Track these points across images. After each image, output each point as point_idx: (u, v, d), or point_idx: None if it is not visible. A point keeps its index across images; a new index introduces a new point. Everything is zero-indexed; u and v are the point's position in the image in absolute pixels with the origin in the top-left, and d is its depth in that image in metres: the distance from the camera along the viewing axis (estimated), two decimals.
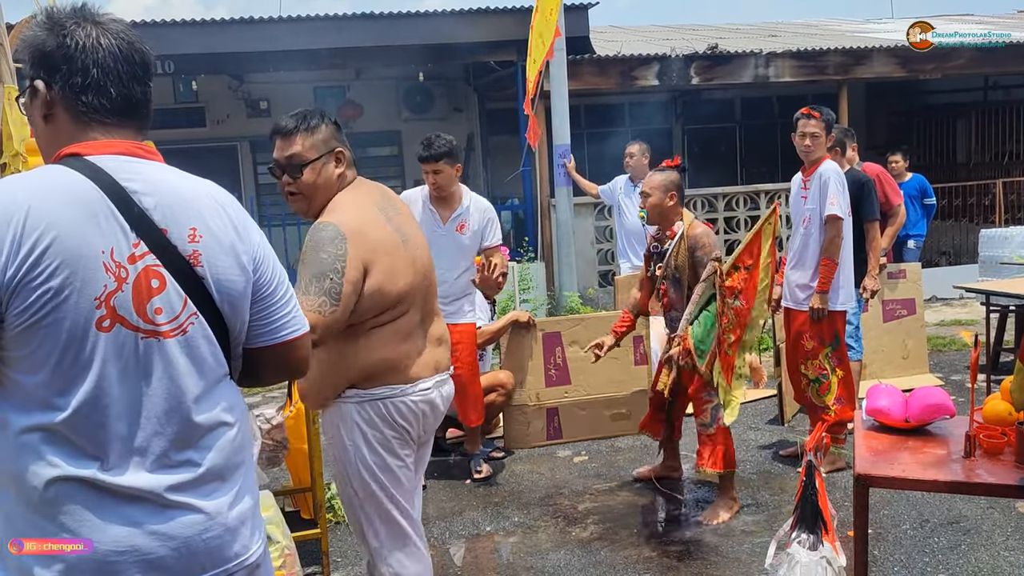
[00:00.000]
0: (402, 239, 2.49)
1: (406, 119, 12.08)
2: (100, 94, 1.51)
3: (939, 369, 6.66)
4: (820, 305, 4.47)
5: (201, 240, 1.51)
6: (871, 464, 2.61)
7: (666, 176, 4.21)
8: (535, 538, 4.04)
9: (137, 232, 1.45)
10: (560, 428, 5.36)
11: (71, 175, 1.44)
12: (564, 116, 8.74)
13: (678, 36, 12.90)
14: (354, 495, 2.56)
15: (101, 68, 1.50)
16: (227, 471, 1.56)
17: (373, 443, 2.50)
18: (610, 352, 4.52)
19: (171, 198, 1.50)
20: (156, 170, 1.53)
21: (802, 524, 2.60)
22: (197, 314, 1.51)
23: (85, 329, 1.40)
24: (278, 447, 4.19)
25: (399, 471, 2.54)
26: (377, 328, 2.43)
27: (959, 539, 3.76)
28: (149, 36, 6.49)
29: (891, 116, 14.17)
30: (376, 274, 2.38)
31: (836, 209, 4.44)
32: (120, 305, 1.43)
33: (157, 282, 1.46)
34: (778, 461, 4.87)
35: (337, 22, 9.37)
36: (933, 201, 8.47)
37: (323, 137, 2.47)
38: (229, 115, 11.86)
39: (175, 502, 1.48)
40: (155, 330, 1.47)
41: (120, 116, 1.54)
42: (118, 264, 1.42)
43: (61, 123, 1.52)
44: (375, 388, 2.47)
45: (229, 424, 1.57)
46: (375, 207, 2.50)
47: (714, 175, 11.82)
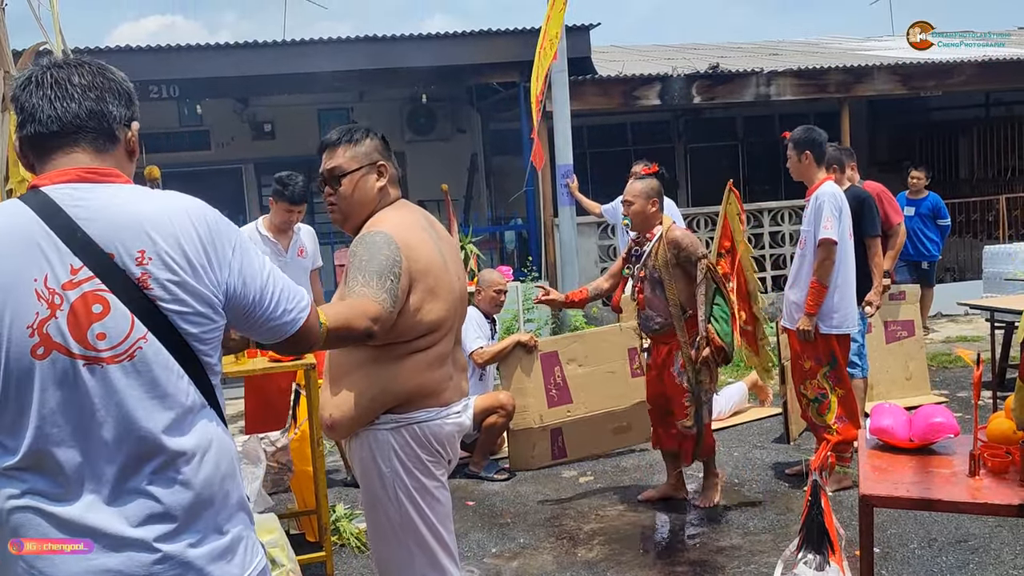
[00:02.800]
0: (444, 262, 2.43)
1: (410, 140, 12.15)
2: (34, 117, 1.54)
3: (945, 386, 6.64)
4: (806, 327, 4.47)
5: (151, 262, 1.48)
6: (876, 484, 2.60)
7: (647, 184, 4.36)
8: (540, 559, 4.03)
9: (81, 257, 1.45)
10: (564, 447, 5.35)
11: (17, 208, 1.48)
12: (567, 136, 8.79)
13: (680, 55, 12.96)
14: (388, 524, 2.44)
15: (43, 94, 1.54)
16: (195, 506, 1.51)
17: (411, 467, 2.41)
18: (608, 367, 4.66)
19: (119, 221, 1.49)
20: (107, 194, 1.52)
21: (808, 544, 2.59)
22: (146, 338, 1.48)
23: (19, 358, 1.42)
24: (283, 470, 4.20)
25: (437, 492, 2.47)
26: (417, 353, 2.37)
27: (967, 558, 3.74)
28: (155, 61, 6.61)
29: (893, 133, 14.20)
30: (420, 292, 2.32)
31: (830, 233, 4.41)
32: (54, 332, 1.43)
33: (100, 307, 1.45)
34: (784, 480, 4.85)
35: (340, 45, 9.44)
36: (948, 222, 8.50)
37: (366, 150, 2.44)
38: (234, 138, 11.94)
39: (128, 539, 1.45)
40: (96, 356, 1.45)
41: (63, 138, 1.55)
42: (51, 291, 1.43)
43: (34, 160, 1.58)
44: (412, 412, 2.40)
45: (194, 455, 1.52)
46: (420, 227, 2.44)
47: (716, 194, 11.80)
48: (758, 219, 10.37)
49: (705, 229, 10.07)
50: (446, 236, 2.58)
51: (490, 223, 12.29)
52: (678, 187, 12.95)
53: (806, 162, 4.56)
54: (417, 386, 2.38)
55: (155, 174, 6.07)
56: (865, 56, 11.90)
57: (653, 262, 4.28)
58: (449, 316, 2.42)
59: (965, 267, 11.66)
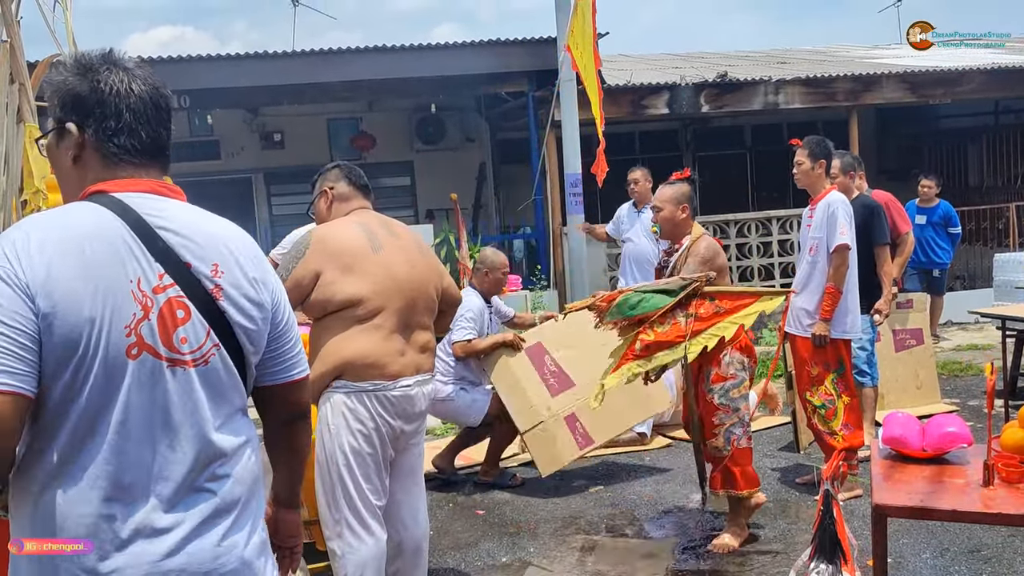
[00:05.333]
0: (371, 249, 2.97)
1: (419, 150, 12.18)
2: (132, 136, 1.57)
3: (956, 394, 6.61)
4: (822, 332, 4.47)
5: (223, 276, 1.56)
6: (889, 494, 2.60)
7: (676, 189, 4.18)
8: (551, 569, 4.02)
9: (162, 264, 1.50)
10: (587, 432, 4.96)
11: (98, 209, 1.50)
12: (575, 145, 8.80)
13: (688, 64, 12.97)
14: (328, 476, 2.99)
15: (133, 112, 1.56)
16: (246, 502, 1.59)
17: (353, 428, 2.94)
18: (598, 339, 4.19)
19: (194, 234, 1.55)
20: (180, 208, 1.59)
21: (821, 554, 2.58)
22: (219, 345, 1.55)
23: (116, 356, 1.44)
24: None
25: (369, 459, 2.97)
26: (356, 324, 2.92)
27: (980, 568, 3.71)
28: (165, 71, 6.63)
29: (902, 141, 14.17)
30: (331, 270, 2.91)
31: (846, 239, 4.48)
32: (147, 334, 1.47)
33: (183, 312, 1.51)
34: (794, 489, 4.84)
35: (350, 55, 9.49)
36: (959, 231, 8.49)
37: (319, 183, 3.27)
38: (244, 148, 11.98)
39: (191, 536, 1.50)
40: (180, 359, 1.51)
41: (148, 157, 1.59)
42: (144, 293, 1.47)
43: (90, 164, 1.57)
44: (361, 382, 2.93)
45: (247, 454, 1.61)
46: (350, 223, 3.04)
47: (725, 202, 11.83)
48: (767, 227, 10.36)
49: (714, 237, 10.05)
50: (401, 233, 3.14)
51: (499, 232, 12.31)
52: None
53: (819, 170, 4.59)
54: (356, 352, 2.90)
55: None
56: (873, 64, 11.89)
57: (679, 273, 4.04)
58: (375, 295, 2.92)
59: (975, 275, 11.62)
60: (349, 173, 3.19)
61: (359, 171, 3.24)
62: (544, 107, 9.49)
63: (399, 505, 3.14)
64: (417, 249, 3.17)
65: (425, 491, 3.31)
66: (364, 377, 2.92)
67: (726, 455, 3.99)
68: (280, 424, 1.83)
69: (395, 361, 2.96)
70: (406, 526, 3.15)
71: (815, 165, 4.57)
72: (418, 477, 3.22)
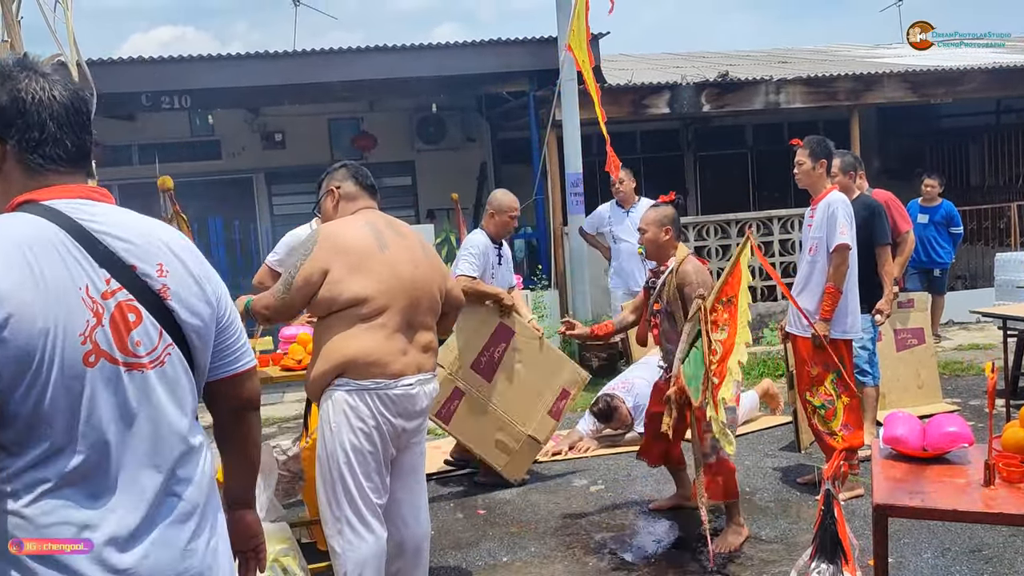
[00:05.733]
0: (377, 248, 3.00)
1: (420, 149, 12.18)
2: (57, 146, 1.52)
3: (957, 394, 6.61)
4: (822, 332, 4.47)
5: (168, 275, 1.56)
6: (890, 494, 2.60)
7: (660, 211, 4.29)
8: (552, 568, 4.02)
9: (107, 269, 1.48)
10: (452, 415, 4.89)
11: (32, 219, 1.46)
12: (576, 145, 8.81)
13: (688, 64, 12.97)
14: (328, 473, 3.01)
15: (56, 121, 1.52)
16: (205, 504, 1.60)
17: (354, 426, 2.96)
18: (540, 387, 4.74)
19: (134, 236, 1.54)
20: (114, 211, 1.56)
21: (821, 554, 2.58)
22: (172, 345, 1.55)
23: (72, 366, 1.43)
24: (294, 479, 4.20)
25: (370, 457, 2.99)
26: (359, 323, 2.94)
27: (981, 568, 3.71)
28: (166, 72, 6.67)
29: (903, 141, 14.16)
30: (338, 267, 2.93)
31: (847, 238, 4.49)
32: (102, 340, 1.46)
33: (134, 316, 1.50)
34: (795, 488, 4.83)
35: (351, 55, 9.48)
36: (960, 230, 8.48)
37: (324, 182, 3.26)
38: (245, 147, 11.98)
39: (160, 538, 1.51)
40: (137, 362, 1.50)
41: (73, 164, 1.56)
42: (94, 300, 1.46)
43: (12, 176, 1.53)
44: (363, 380, 2.94)
45: (204, 456, 1.62)
46: (356, 223, 3.07)
47: (726, 201, 11.82)
48: (768, 227, 10.34)
49: (715, 237, 10.06)
50: (407, 234, 3.18)
51: None
52: (687, 195, 12.94)
53: (820, 170, 4.60)
54: (359, 350, 2.92)
55: (168, 184, 6.13)
56: (875, 64, 11.88)
57: (666, 295, 4.16)
58: (380, 294, 2.95)
59: (977, 274, 11.61)
60: (356, 173, 3.21)
61: (366, 171, 3.26)
62: (545, 107, 9.49)
63: (400, 504, 3.14)
64: (421, 250, 3.19)
65: (426, 490, 3.31)
66: (366, 375, 2.94)
67: (712, 462, 4.04)
68: (231, 419, 1.81)
69: (397, 360, 2.98)
70: (407, 524, 3.16)
71: (816, 165, 4.58)
72: (419, 476, 3.23)
